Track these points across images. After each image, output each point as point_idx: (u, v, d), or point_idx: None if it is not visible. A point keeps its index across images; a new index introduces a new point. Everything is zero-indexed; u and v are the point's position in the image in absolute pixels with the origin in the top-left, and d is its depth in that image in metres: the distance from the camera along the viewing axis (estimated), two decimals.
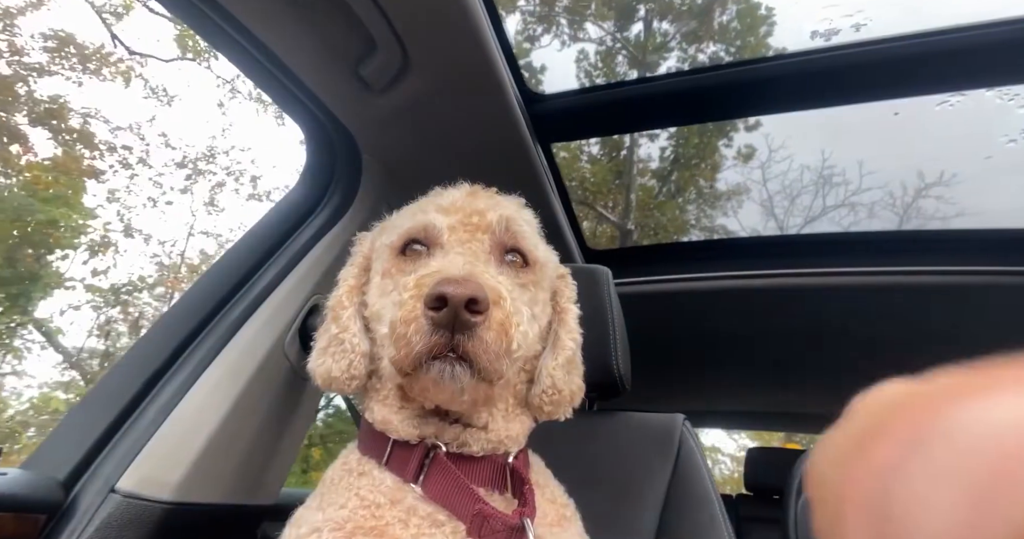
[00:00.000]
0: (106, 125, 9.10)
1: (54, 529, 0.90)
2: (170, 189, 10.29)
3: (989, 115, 1.94)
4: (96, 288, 9.18)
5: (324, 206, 1.46)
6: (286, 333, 1.28)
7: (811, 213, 3.94)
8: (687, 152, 4.63)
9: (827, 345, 2.44)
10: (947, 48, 1.27)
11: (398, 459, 0.74)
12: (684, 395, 3.55)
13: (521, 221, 0.81)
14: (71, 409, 1.09)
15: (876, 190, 3.31)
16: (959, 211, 2.60)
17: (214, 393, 1.11)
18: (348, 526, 0.67)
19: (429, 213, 0.79)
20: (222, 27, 1.13)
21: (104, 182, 9.26)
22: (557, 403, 0.81)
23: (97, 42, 9.00)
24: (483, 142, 1.52)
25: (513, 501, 0.75)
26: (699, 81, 1.49)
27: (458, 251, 0.73)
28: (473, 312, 0.61)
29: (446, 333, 0.62)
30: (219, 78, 10.44)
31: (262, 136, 14.12)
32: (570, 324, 0.85)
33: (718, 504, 1.18)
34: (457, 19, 1.14)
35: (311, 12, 1.12)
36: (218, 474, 1.12)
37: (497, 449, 0.77)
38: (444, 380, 0.64)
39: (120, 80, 9.27)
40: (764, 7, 4.09)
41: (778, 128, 3.32)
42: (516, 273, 0.77)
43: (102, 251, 9.04)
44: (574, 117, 1.63)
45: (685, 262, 2.16)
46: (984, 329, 2.01)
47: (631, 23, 4.76)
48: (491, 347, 0.63)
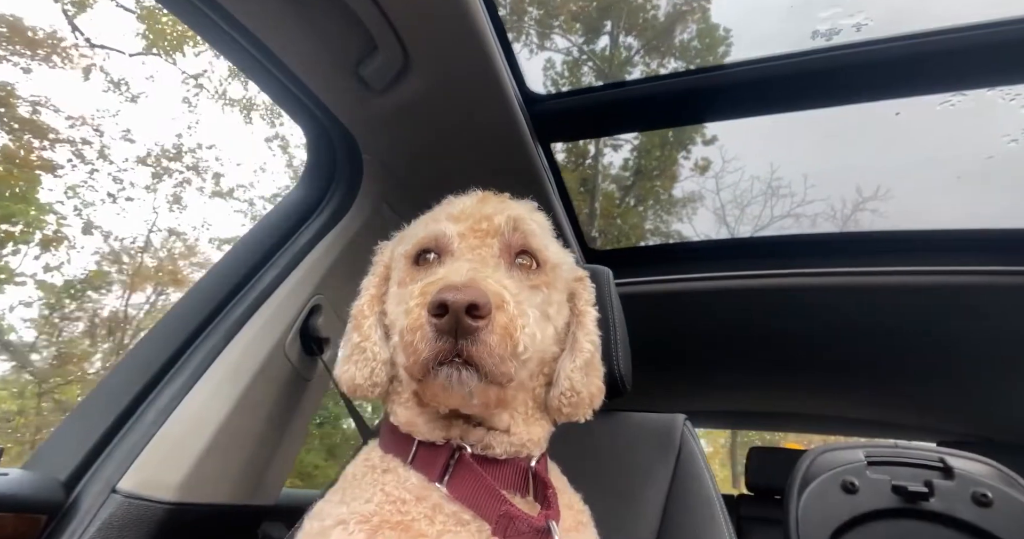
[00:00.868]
0: (57, 115, 8.57)
1: (55, 529, 0.90)
2: (130, 185, 9.92)
3: (934, 124, 1.99)
4: (47, 285, 8.82)
5: (325, 206, 1.46)
6: (287, 333, 1.28)
7: (760, 222, 4.26)
8: (649, 164, 4.85)
9: (827, 345, 2.44)
10: (946, 48, 1.27)
11: (423, 459, 0.75)
12: (685, 395, 3.55)
13: (530, 221, 0.81)
14: (72, 410, 1.10)
15: (819, 202, 3.58)
16: (893, 225, 2.65)
17: (215, 393, 1.12)
18: (375, 519, 0.68)
19: (440, 222, 0.81)
20: (222, 27, 1.13)
21: (60, 176, 8.82)
22: (576, 405, 0.81)
23: (48, 27, 8.50)
24: (483, 142, 1.52)
25: (534, 505, 0.76)
26: (700, 82, 1.48)
27: (467, 258, 0.74)
28: (475, 317, 0.62)
29: (450, 339, 0.63)
30: (184, 73, 10.25)
31: (228, 133, 13.82)
32: (588, 326, 0.86)
33: (719, 504, 1.18)
34: (457, 19, 1.14)
35: (311, 12, 1.12)
36: (219, 474, 1.12)
37: (520, 452, 0.78)
38: (452, 385, 0.65)
39: (75, 70, 8.80)
40: (722, 28, 4.36)
41: (732, 140, 3.50)
42: (527, 275, 0.77)
43: (55, 246, 8.65)
44: (574, 117, 1.63)
45: (685, 262, 2.16)
46: (982, 329, 2.01)
47: (598, 37, 4.98)
48: (495, 350, 0.63)
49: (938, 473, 1.29)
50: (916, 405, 2.99)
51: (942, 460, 1.30)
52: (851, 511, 1.30)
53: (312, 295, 1.35)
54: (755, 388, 3.25)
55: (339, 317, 1.45)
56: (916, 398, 2.89)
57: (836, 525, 1.30)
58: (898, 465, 1.34)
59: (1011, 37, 1.23)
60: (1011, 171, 2.29)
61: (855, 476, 1.33)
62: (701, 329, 2.47)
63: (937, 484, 1.27)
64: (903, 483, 1.28)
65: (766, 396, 3.39)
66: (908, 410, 3.10)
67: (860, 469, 1.34)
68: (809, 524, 1.30)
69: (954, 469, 1.28)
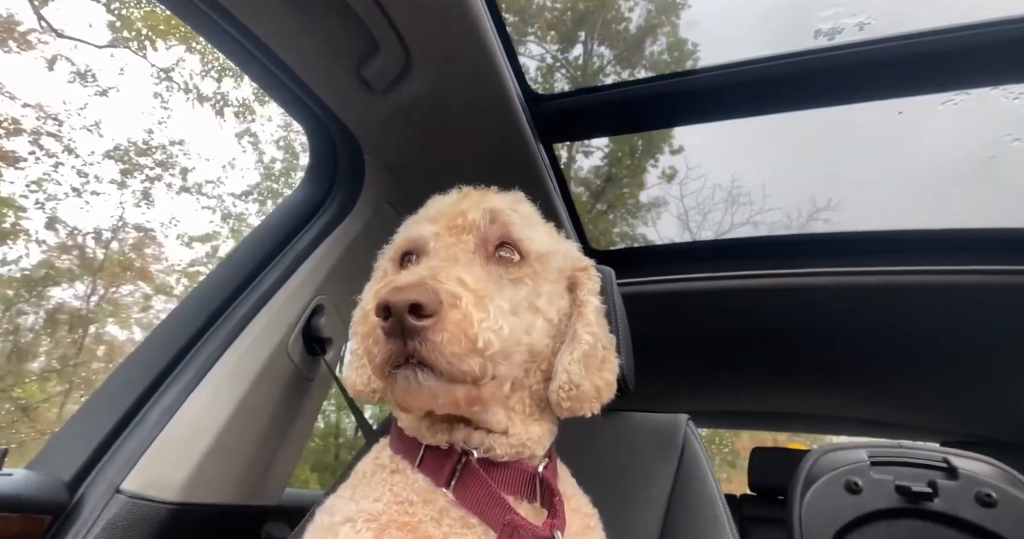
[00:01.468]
0: (13, 102, 7.97)
1: (59, 529, 0.91)
2: (94, 178, 9.65)
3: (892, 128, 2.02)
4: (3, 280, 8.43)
5: (327, 207, 1.46)
6: (289, 334, 1.28)
7: (721, 228, 4.50)
8: (619, 172, 5.01)
9: (830, 345, 2.43)
10: (945, 47, 1.27)
11: (430, 463, 0.75)
12: (687, 395, 3.55)
13: (509, 212, 0.79)
14: (77, 410, 1.10)
15: (776, 210, 3.76)
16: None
17: (218, 394, 1.12)
18: (383, 518, 0.68)
19: (420, 224, 0.80)
20: (224, 28, 1.13)
21: (21, 168, 8.33)
22: (576, 399, 0.78)
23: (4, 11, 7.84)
24: (485, 142, 1.52)
25: (541, 510, 0.76)
26: (703, 81, 1.48)
27: (441, 256, 0.73)
28: (419, 317, 0.60)
29: (399, 341, 0.62)
30: (154, 67, 9.96)
31: (197, 128, 13.41)
32: (588, 317, 0.83)
33: (722, 504, 1.18)
34: (459, 19, 1.14)
35: (313, 13, 1.12)
36: (222, 475, 1.12)
37: (522, 453, 0.77)
38: (411, 387, 0.64)
39: (30, 55, 8.06)
40: (691, 42, 4.71)
41: (695, 151, 3.80)
42: (507, 268, 0.75)
43: (11, 239, 8.14)
44: (576, 117, 1.63)
45: (688, 262, 2.16)
46: (987, 328, 2.00)
47: (572, 46, 5.18)
48: (446, 349, 0.61)
49: (942, 473, 1.29)
50: (920, 405, 2.98)
51: (946, 460, 1.30)
52: (855, 511, 1.30)
53: (314, 295, 1.35)
54: (757, 388, 3.24)
55: (341, 318, 1.45)
56: (920, 397, 2.88)
57: (840, 525, 1.29)
58: (902, 465, 1.33)
59: (1014, 36, 1.22)
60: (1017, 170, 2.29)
61: (859, 476, 1.32)
62: (703, 329, 2.47)
63: (941, 484, 1.26)
64: (907, 483, 1.28)
65: (769, 396, 3.38)
66: (911, 410, 3.09)
67: (864, 469, 1.34)
68: (812, 524, 1.30)
69: (958, 469, 1.28)
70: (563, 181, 1.87)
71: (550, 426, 0.83)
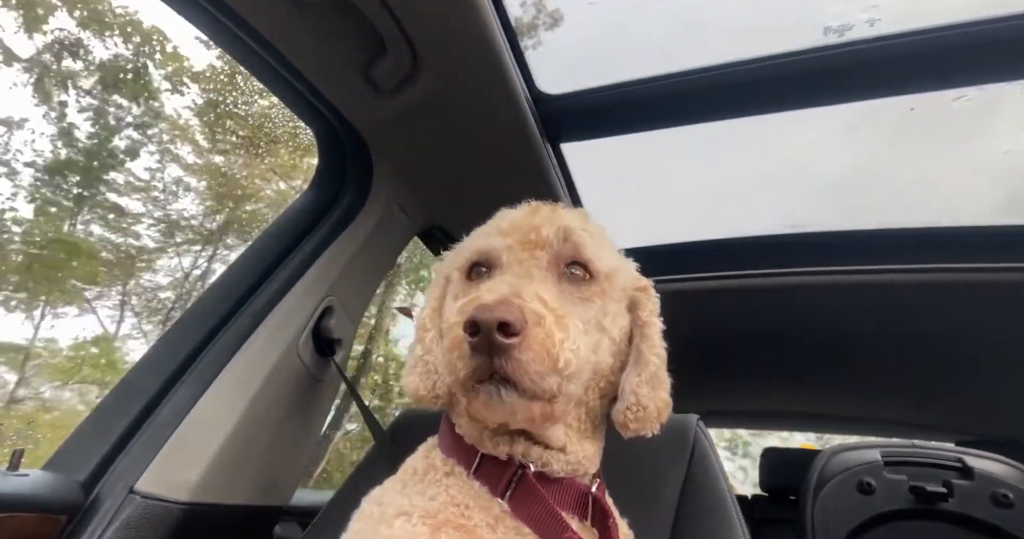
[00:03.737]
0: None
1: (75, 529, 0.92)
2: None
3: None
4: None
5: (336, 208, 1.47)
6: (299, 335, 1.29)
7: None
8: None
9: (842, 344, 2.41)
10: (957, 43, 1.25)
11: (487, 472, 0.76)
12: (697, 395, 3.53)
13: (581, 232, 0.80)
14: (91, 411, 1.11)
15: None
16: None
17: (229, 395, 1.13)
18: (439, 517, 0.69)
19: (491, 236, 0.81)
20: (232, 30, 1.14)
21: None
22: (642, 419, 0.80)
23: None
24: (493, 143, 1.52)
25: (591, 530, 0.77)
26: (713, 78, 1.47)
27: (514, 271, 0.74)
28: (507, 334, 0.62)
29: (484, 357, 0.63)
30: None
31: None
32: (652, 338, 0.85)
33: (733, 505, 1.17)
34: (466, 20, 1.14)
35: (320, 14, 1.13)
36: (233, 475, 1.13)
37: (577, 470, 0.78)
38: (492, 402, 0.66)
39: None
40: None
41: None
42: (578, 287, 0.77)
43: None
44: (584, 117, 1.63)
45: (698, 261, 2.14)
46: (1003, 326, 1.97)
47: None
48: (530, 367, 0.63)
49: (957, 473, 1.27)
50: (933, 403, 2.95)
51: (961, 460, 1.28)
52: (867, 512, 1.29)
53: (324, 297, 1.36)
54: (768, 388, 3.22)
55: (351, 318, 1.46)
56: (934, 396, 2.85)
57: (852, 526, 1.28)
58: (916, 465, 1.32)
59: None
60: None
61: (871, 476, 1.31)
62: (714, 329, 2.45)
63: (956, 484, 1.25)
64: (921, 483, 1.26)
65: (779, 396, 3.35)
66: (925, 408, 3.05)
67: (877, 469, 1.32)
68: (825, 525, 1.29)
69: (974, 469, 1.26)
70: (571, 182, 1.86)
71: (600, 444, 0.85)
